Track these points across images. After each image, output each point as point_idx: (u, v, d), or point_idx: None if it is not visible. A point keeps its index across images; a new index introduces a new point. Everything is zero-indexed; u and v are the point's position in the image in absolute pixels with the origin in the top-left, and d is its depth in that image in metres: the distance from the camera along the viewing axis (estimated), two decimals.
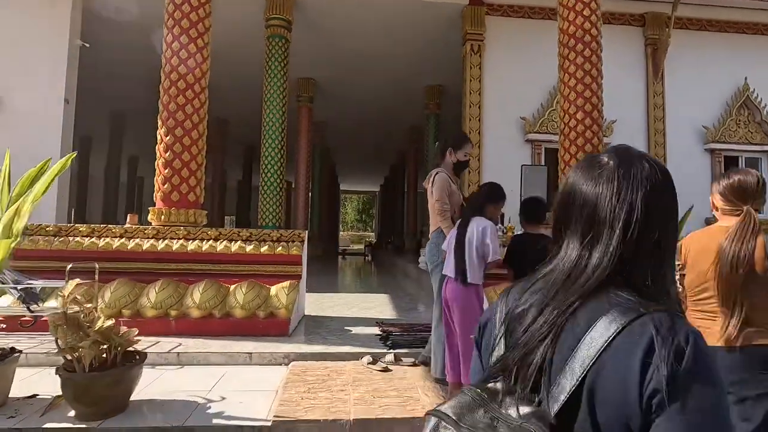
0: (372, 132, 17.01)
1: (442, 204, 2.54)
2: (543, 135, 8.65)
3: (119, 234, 3.79)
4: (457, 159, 2.64)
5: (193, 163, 4.09)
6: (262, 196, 8.43)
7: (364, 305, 4.98)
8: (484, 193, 2.52)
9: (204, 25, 4.21)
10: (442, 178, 2.58)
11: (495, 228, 2.42)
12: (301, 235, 3.97)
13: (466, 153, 2.69)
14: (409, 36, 9.93)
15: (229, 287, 3.60)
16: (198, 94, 4.14)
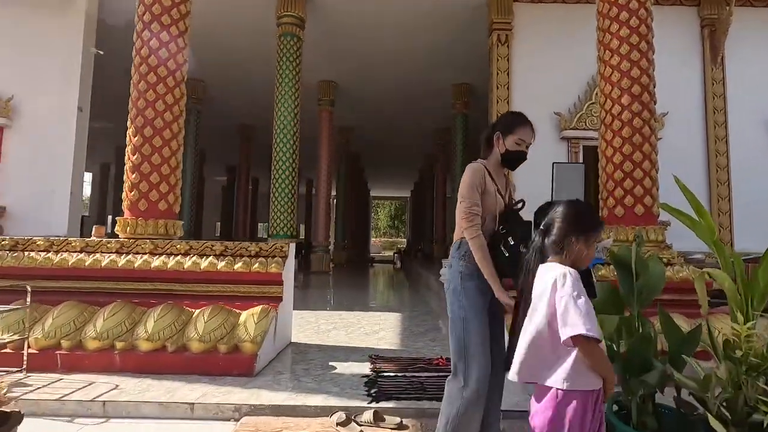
0: (398, 135, 16.42)
1: (468, 205, 1.72)
2: (581, 131, 7.70)
3: (79, 248, 3.33)
4: (506, 148, 1.84)
5: (164, 166, 3.59)
6: (273, 204, 7.96)
7: (369, 327, 4.31)
8: (566, 218, 1.40)
9: (179, 11, 3.72)
10: (473, 169, 1.81)
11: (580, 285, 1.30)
12: (283, 248, 3.36)
13: (521, 139, 1.83)
14: (432, 31, 9.27)
15: (193, 312, 3.04)
16: (172, 88, 3.64)
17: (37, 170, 7.83)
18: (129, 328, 2.84)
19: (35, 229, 7.29)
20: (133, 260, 3.24)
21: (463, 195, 1.73)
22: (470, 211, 1.69)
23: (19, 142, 7.95)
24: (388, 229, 53.12)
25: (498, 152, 1.84)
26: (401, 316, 5.00)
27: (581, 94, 7.84)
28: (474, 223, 1.69)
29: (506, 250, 1.64)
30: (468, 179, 1.75)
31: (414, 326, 4.43)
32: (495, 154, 1.85)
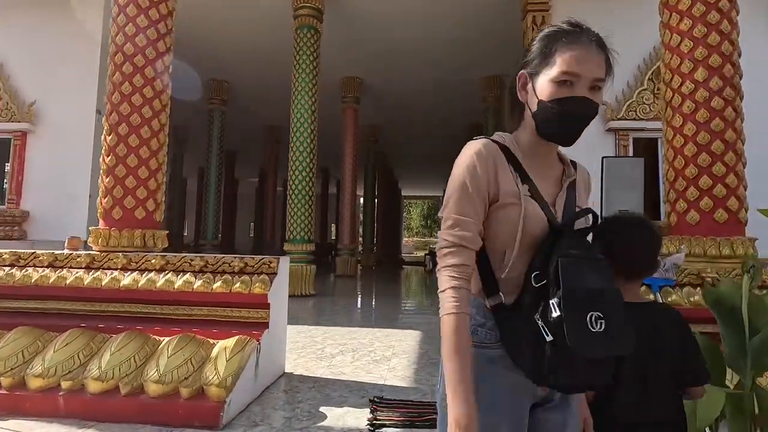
0: (428, 132, 15.74)
1: (451, 223, 0.85)
2: (630, 122, 6.78)
3: (47, 263, 2.94)
4: (538, 99, 0.87)
5: (142, 169, 3.15)
6: (290, 207, 7.51)
7: (380, 351, 3.73)
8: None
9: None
10: (473, 150, 0.89)
11: None
12: (271, 264, 2.83)
13: (568, 73, 0.84)
14: (460, 20, 8.56)
15: (160, 342, 2.56)
16: (150, 80, 3.20)
17: (58, 174, 7.77)
18: (82, 363, 2.39)
19: (57, 234, 7.21)
20: (101, 277, 2.81)
21: (447, 201, 0.87)
22: (453, 237, 0.83)
23: (41, 146, 7.93)
24: (420, 228, 52.36)
25: (529, 114, 0.90)
26: (420, 336, 4.37)
27: (630, 80, 6.91)
28: (455, 263, 0.82)
29: (547, 329, 0.76)
30: (459, 171, 0.88)
31: (433, 350, 3.79)
32: (527, 119, 0.92)
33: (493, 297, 0.85)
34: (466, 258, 0.82)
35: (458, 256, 0.82)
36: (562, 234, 0.83)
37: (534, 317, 0.78)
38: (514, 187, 0.86)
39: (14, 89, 7.95)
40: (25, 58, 7.97)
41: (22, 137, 7.94)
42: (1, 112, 7.96)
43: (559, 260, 0.78)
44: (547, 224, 0.86)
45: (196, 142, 14.48)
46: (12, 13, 8.13)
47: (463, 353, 0.79)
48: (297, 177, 7.47)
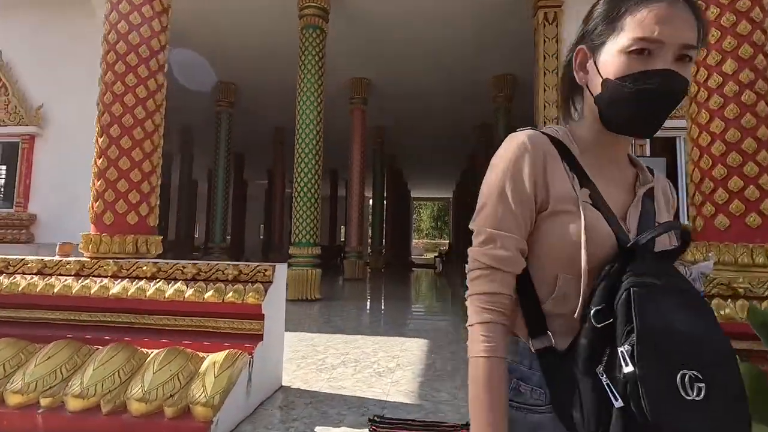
0: (437, 134, 15.55)
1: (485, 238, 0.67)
2: None
3: (36, 270, 2.83)
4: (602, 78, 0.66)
5: (135, 172, 3.02)
6: (296, 210, 7.38)
7: (384, 362, 3.55)
8: None
9: None
10: (515, 144, 0.69)
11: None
12: (266, 272, 2.68)
13: (643, 39, 0.62)
14: (470, 18, 8.37)
15: (148, 355, 2.42)
16: (144, 79, 3.08)
17: (64, 177, 7.75)
18: (65, 377, 2.26)
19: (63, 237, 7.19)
20: (90, 285, 2.69)
21: (480, 209, 0.69)
22: (486, 257, 0.65)
23: (48, 149, 7.93)
24: (430, 230, 52.12)
25: (590, 100, 0.70)
26: (427, 345, 4.19)
27: None
28: (488, 291, 0.65)
29: (615, 389, 0.54)
30: (497, 170, 0.68)
31: (440, 361, 3.61)
32: (588, 107, 0.71)
33: (539, 338, 0.65)
34: (502, 284, 0.64)
35: (492, 281, 0.64)
36: (635, 256, 0.59)
37: (596, 371, 0.56)
38: (570, 190, 0.65)
39: (22, 92, 7.97)
40: (32, 61, 7.99)
41: (30, 140, 7.95)
42: (10, 116, 7.98)
43: (631, 291, 0.55)
44: (614, 241, 0.62)
45: (205, 144, 14.49)
46: (19, 14, 8.16)
47: (497, 414, 0.60)
48: (302, 179, 7.34)
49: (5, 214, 7.76)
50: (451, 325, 5.39)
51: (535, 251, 0.66)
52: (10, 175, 8.19)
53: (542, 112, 6.76)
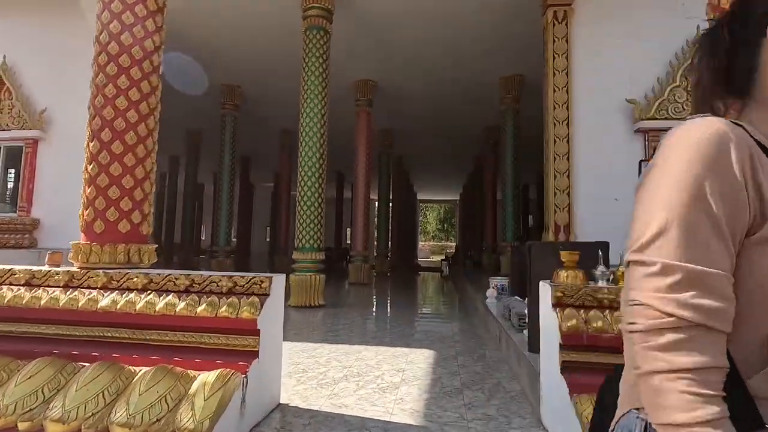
0: (444, 135, 15.39)
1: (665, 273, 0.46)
2: (662, 122, 6.29)
3: (23, 281, 2.70)
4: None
5: (127, 178, 2.89)
6: (299, 214, 7.25)
7: (388, 376, 3.39)
8: None
9: None
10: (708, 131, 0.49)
11: None
12: (262, 284, 2.53)
13: None
14: (477, 19, 8.21)
15: (135, 374, 2.28)
16: (137, 81, 2.95)
17: (68, 181, 7.67)
18: (46, 398, 2.13)
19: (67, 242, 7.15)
20: (78, 298, 2.56)
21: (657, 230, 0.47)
22: (687, 309, 0.44)
23: (52, 153, 7.88)
24: (437, 232, 51.85)
25: None
26: (433, 357, 4.01)
27: (662, 76, 6.42)
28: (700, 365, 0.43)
29: None
30: (685, 167, 0.47)
31: (447, 376, 3.43)
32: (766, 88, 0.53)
33: None
34: (717, 352, 0.43)
35: (704, 349, 0.43)
36: None
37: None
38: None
39: (26, 96, 7.94)
40: (36, 64, 7.96)
41: (33, 145, 7.92)
42: (14, 120, 7.96)
43: None
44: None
45: (212, 147, 14.46)
46: (23, 17, 8.13)
47: None
48: (306, 183, 7.21)
49: (8, 219, 7.72)
50: (459, 333, 5.21)
51: (737, 295, 0.45)
52: (13, 179, 8.17)
53: (552, 113, 6.56)
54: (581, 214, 6.40)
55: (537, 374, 2.71)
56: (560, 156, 6.43)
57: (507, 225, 10.84)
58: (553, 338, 2.32)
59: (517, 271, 5.66)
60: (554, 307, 2.33)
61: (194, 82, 11.02)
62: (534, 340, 3.01)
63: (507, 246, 10.53)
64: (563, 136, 6.46)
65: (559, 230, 6.36)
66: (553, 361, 2.31)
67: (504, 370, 3.62)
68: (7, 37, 8.13)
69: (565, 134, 6.47)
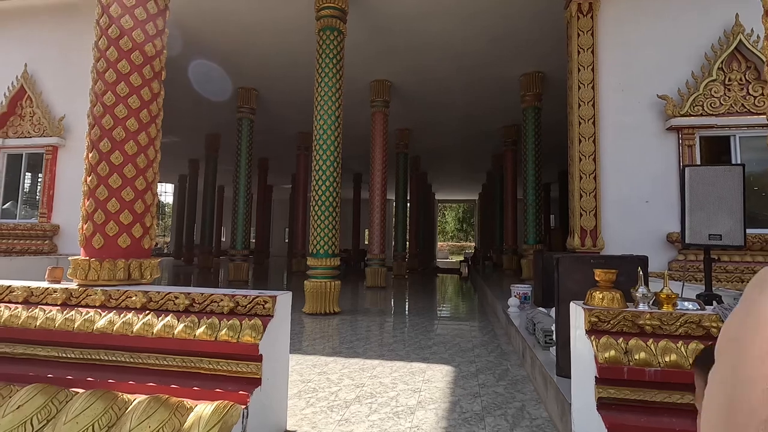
0: (462, 134, 15.07)
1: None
2: (697, 118, 5.88)
3: (22, 298, 2.59)
4: None
5: (127, 190, 2.76)
6: (314, 219, 7.09)
7: (403, 398, 3.17)
8: None
9: None
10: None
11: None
12: (266, 304, 2.35)
13: None
14: (496, 15, 7.90)
15: (129, 405, 2.12)
16: (137, 88, 2.81)
17: None
18: (35, 430, 1.99)
19: None
20: (75, 318, 2.43)
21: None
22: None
23: (71, 160, 7.95)
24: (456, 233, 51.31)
25: None
26: (452, 374, 3.77)
27: (695, 70, 6.00)
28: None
29: None
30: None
31: (467, 398, 3.19)
32: None
33: None
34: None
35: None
36: None
37: None
38: None
39: (46, 104, 8.02)
40: (55, 72, 8.04)
41: (53, 151, 7.99)
42: (35, 127, 8.06)
43: None
44: None
45: (229, 149, 14.52)
46: (43, 26, 8.23)
47: None
48: (321, 186, 7.04)
49: (30, 225, 7.82)
50: (479, 345, 4.95)
51: None
52: (35, 185, 8.28)
53: (576, 111, 6.22)
54: (609, 218, 6.04)
55: (566, 403, 2.45)
56: (586, 156, 6.08)
57: (528, 227, 10.46)
58: (587, 369, 2.06)
59: (539, 278, 5.36)
60: (588, 333, 2.07)
61: (219, 88, 11.05)
62: (564, 363, 2.74)
63: (529, 249, 10.16)
64: (589, 136, 6.11)
65: (585, 235, 6.02)
66: (587, 395, 2.05)
67: (528, 392, 3.35)
68: (29, 45, 8.24)
69: (591, 133, 6.12)
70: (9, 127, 8.08)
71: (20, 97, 8.03)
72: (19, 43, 8.28)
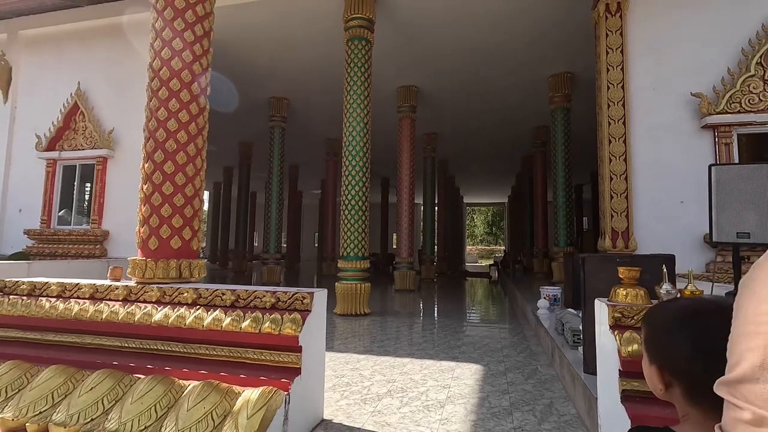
0: (490, 137, 15.02)
1: None
2: (734, 116, 5.73)
3: (87, 295, 2.90)
4: None
5: (178, 196, 3.03)
6: (344, 223, 7.32)
7: (433, 393, 3.30)
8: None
9: (196, 12, 3.17)
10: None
11: None
12: (305, 300, 2.54)
13: None
14: (523, 18, 7.94)
15: (184, 389, 2.36)
16: (186, 104, 3.09)
17: (133, 196, 8.23)
18: (105, 409, 2.25)
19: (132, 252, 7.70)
20: (135, 312, 2.70)
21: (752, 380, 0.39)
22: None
23: (119, 170, 8.52)
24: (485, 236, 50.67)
25: None
26: (481, 372, 3.86)
27: (732, 66, 5.85)
28: None
29: None
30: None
31: (495, 394, 3.28)
32: None
33: None
34: None
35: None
36: None
37: None
38: None
39: (97, 118, 8.64)
40: (105, 87, 8.66)
41: (103, 162, 8.59)
42: (87, 140, 8.69)
43: None
44: None
45: (261, 157, 15.05)
46: (96, 45, 8.87)
47: None
48: (350, 191, 7.27)
49: (83, 231, 8.42)
50: (508, 345, 5.00)
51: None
52: (82, 193, 8.92)
53: (606, 112, 6.18)
54: (641, 219, 5.95)
55: (593, 398, 2.51)
56: (616, 157, 6.03)
57: (559, 229, 10.33)
58: (611, 363, 2.13)
59: (570, 280, 5.35)
60: (612, 329, 2.14)
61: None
62: (590, 360, 2.80)
63: (559, 252, 10.04)
64: (619, 136, 6.06)
65: (616, 236, 5.95)
66: (612, 389, 2.12)
67: (557, 390, 3.40)
68: (82, 64, 8.91)
69: (621, 133, 6.06)
70: (64, 141, 8.75)
71: (74, 112, 8.69)
72: (74, 63, 8.97)
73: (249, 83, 11.08)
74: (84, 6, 8.81)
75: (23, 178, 9.09)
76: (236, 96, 11.56)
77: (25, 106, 9.35)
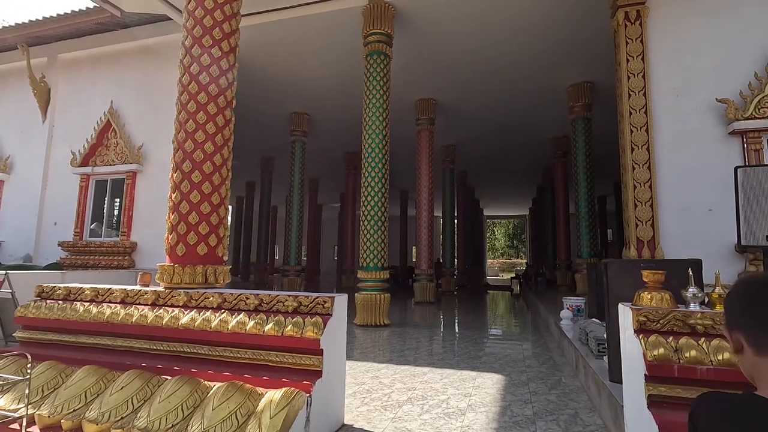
0: (510, 148, 14.96)
1: None
2: (764, 120, 5.58)
3: (119, 299, 3.02)
4: None
5: (204, 204, 3.15)
6: (363, 234, 7.38)
7: (454, 401, 3.27)
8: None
9: (223, 29, 3.33)
10: None
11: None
12: (326, 304, 2.58)
13: None
14: (541, 29, 7.99)
15: (210, 389, 2.41)
16: (213, 116, 3.23)
17: (161, 209, 8.52)
18: (135, 408, 2.33)
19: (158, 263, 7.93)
20: (163, 316, 2.80)
21: None
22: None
23: (147, 184, 8.84)
24: (506, 249, 49.95)
25: None
26: (503, 382, 3.80)
27: (759, 70, 5.72)
28: None
29: None
30: None
31: (517, 404, 3.22)
32: None
33: None
34: None
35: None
36: None
37: None
38: None
39: (128, 135, 9.03)
40: (135, 104, 9.06)
41: (132, 176, 8.93)
42: (118, 156, 9.07)
43: None
44: None
45: (282, 171, 15.36)
46: (128, 65, 9.33)
47: None
48: (369, 203, 7.34)
49: (113, 243, 8.74)
50: (531, 356, 4.91)
51: None
52: (111, 207, 9.27)
53: (627, 120, 6.10)
54: (668, 228, 5.80)
55: (619, 406, 2.45)
56: (640, 165, 5.93)
57: (582, 240, 10.13)
58: (636, 368, 2.08)
59: (594, 290, 5.24)
60: (637, 333, 2.10)
61: None
62: (615, 368, 2.73)
63: (582, 263, 9.83)
64: (642, 143, 5.96)
65: (642, 246, 5.82)
66: (637, 395, 2.07)
67: (582, 400, 3.32)
68: (115, 83, 9.37)
69: (644, 141, 5.97)
70: (97, 157, 9.15)
71: (107, 129, 9.11)
72: (107, 82, 9.44)
73: (270, 100, 11.41)
74: (117, 30, 9.30)
75: (59, 192, 9.53)
76: None
77: (62, 124, 9.86)
